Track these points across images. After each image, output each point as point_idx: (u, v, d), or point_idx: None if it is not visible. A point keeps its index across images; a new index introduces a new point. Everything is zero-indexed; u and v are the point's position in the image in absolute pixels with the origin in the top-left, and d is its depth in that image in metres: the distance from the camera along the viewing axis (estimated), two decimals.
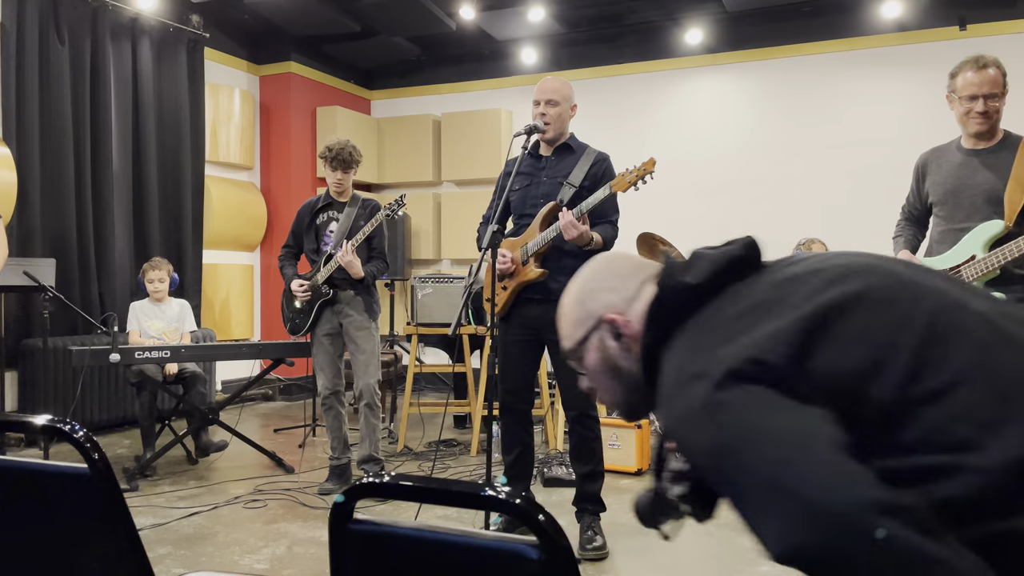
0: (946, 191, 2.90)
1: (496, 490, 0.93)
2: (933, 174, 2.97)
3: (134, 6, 5.83)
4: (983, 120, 2.79)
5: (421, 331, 5.10)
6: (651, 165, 3.06)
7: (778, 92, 6.58)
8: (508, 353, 3.32)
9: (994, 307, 1.02)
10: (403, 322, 7.07)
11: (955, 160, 2.90)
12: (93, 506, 1.08)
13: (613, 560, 3.17)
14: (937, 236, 2.96)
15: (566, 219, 3.02)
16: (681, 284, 1.13)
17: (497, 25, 6.77)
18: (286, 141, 7.17)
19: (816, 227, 5.84)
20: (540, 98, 3.27)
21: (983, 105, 2.77)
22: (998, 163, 2.78)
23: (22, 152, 5.11)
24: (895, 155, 6.08)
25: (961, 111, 2.84)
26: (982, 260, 2.73)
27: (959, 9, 5.98)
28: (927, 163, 3.02)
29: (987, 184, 2.78)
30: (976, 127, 2.82)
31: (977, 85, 2.77)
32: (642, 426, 4.45)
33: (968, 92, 2.79)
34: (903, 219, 3.16)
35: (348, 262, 3.87)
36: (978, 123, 2.81)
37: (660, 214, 6.34)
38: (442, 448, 5.06)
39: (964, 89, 2.80)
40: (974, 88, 2.77)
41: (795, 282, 1.07)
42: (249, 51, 7.18)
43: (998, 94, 2.77)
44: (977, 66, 2.77)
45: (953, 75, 2.85)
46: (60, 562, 1.12)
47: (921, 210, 3.07)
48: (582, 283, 1.25)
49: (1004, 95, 2.79)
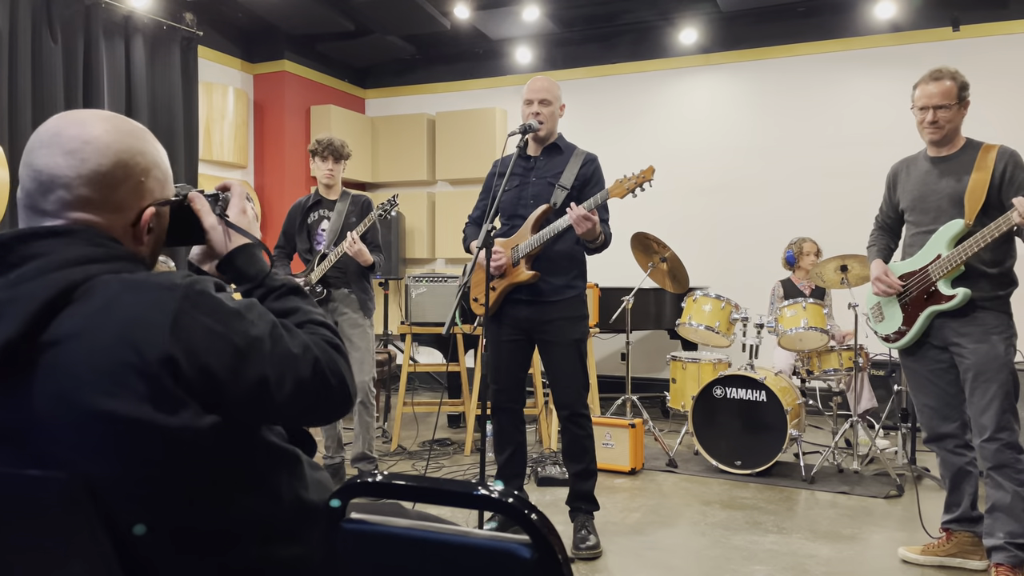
0: (914, 197, 3.03)
1: (489, 489, 0.94)
2: (903, 183, 3.11)
3: (127, 4, 5.81)
4: (934, 130, 2.92)
5: (415, 330, 5.10)
6: (650, 173, 3.06)
7: (772, 92, 6.59)
8: (499, 353, 3.33)
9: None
10: (397, 321, 7.07)
11: (922, 168, 3.03)
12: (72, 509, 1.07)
13: (606, 559, 3.17)
14: (908, 240, 3.09)
15: (578, 212, 3.00)
16: None
17: (492, 24, 6.76)
18: (280, 140, 7.16)
19: (808, 227, 5.86)
20: (533, 97, 3.27)
21: (932, 115, 2.89)
22: (960, 168, 2.91)
23: (15, 150, 5.09)
24: (888, 155, 6.05)
25: (917, 121, 2.98)
26: (947, 258, 2.86)
27: (952, 10, 6.01)
28: (897, 173, 3.16)
29: (949, 188, 2.91)
30: (928, 136, 2.96)
31: (928, 97, 2.89)
32: (635, 425, 4.46)
33: (920, 103, 2.93)
34: (876, 228, 3.28)
35: (358, 250, 3.86)
36: (929, 132, 2.94)
37: (654, 214, 6.35)
38: (436, 447, 5.06)
39: (918, 100, 2.94)
40: (925, 99, 2.91)
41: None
42: (243, 49, 7.16)
43: (949, 105, 2.87)
44: (931, 78, 2.90)
45: (914, 86, 2.98)
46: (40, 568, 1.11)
47: (894, 218, 3.20)
48: None
49: (960, 105, 2.89)
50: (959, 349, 2.89)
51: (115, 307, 1.01)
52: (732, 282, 6.13)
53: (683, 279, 4.77)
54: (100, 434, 0.98)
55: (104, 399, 0.97)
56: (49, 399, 0.98)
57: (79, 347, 0.99)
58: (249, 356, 1.07)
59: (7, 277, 1.00)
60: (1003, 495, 2.81)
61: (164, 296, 1.03)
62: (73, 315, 1.01)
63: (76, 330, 0.99)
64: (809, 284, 5.22)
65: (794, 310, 4.58)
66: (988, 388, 2.81)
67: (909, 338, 3.02)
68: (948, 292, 2.87)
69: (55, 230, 1.06)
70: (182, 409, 1.00)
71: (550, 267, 3.21)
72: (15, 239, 1.03)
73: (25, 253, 1.02)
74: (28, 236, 1.04)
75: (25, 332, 0.97)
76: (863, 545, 3.34)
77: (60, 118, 1.12)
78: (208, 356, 1.03)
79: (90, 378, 0.98)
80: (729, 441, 4.41)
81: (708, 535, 3.45)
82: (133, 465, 1.00)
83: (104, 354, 0.99)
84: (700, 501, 3.96)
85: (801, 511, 3.80)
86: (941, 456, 3.06)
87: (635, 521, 3.65)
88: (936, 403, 3.00)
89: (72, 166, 1.08)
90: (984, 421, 2.81)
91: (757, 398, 4.32)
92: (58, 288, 1.00)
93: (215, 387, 1.03)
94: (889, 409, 5.12)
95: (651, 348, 6.88)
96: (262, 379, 1.07)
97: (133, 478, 1.01)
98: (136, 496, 1.03)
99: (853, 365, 4.55)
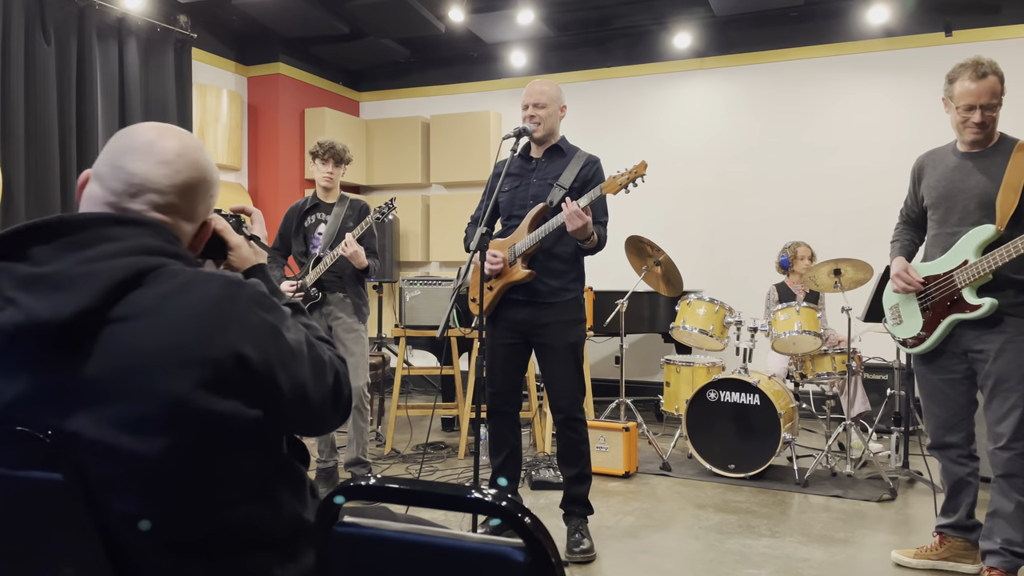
0: (940, 194, 2.87)
1: (482, 493, 0.93)
2: (928, 177, 2.94)
3: (121, 6, 5.80)
4: (979, 130, 2.74)
5: (409, 333, 5.09)
6: (643, 168, 3.05)
7: (766, 96, 6.61)
8: (495, 356, 3.32)
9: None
10: (391, 324, 7.06)
11: (950, 163, 2.86)
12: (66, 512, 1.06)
13: (600, 563, 3.17)
14: (930, 240, 2.94)
15: (571, 209, 2.98)
16: None
17: (486, 28, 6.77)
18: (274, 142, 7.15)
19: (802, 231, 5.88)
20: (527, 101, 3.28)
21: (980, 116, 2.69)
22: (992, 167, 2.74)
23: (7, 152, 5.07)
24: (881, 159, 6.14)
25: (957, 119, 2.77)
26: (974, 265, 2.73)
27: (945, 15, 6.04)
28: (923, 166, 2.99)
29: (979, 188, 2.75)
30: (972, 136, 2.77)
31: (976, 95, 2.67)
32: (629, 428, 4.46)
33: (965, 102, 2.70)
34: (901, 222, 3.13)
35: (353, 252, 3.85)
36: (974, 133, 2.75)
37: (648, 217, 6.37)
38: (430, 451, 5.05)
39: (961, 98, 2.70)
40: (972, 98, 2.68)
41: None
42: (237, 52, 7.15)
43: (996, 104, 2.70)
44: (976, 74, 2.67)
45: (951, 80, 2.76)
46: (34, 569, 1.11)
47: (918, 213, 3.04)
48: None
49: (1001, 101, 2.72)
50: (979, 355, 2.78)
51: (185, 294, 1.08)
52: (726, 286, 6.14)
53: (677, 283, 4.77)
54: (152, 409, 1.03)
55: (162, 378, 1.03)
56: (109, 370, 1.04)
57: (146, 326, 1.05)
58: (296, 358, 1.16)
59: (84, 253, 1.06)
60: (1006, 503, 2.77)
61: (233, 290, 1.11)
62: (143, 296, 1.07)
63: (145, 310, 1.06)
64: (803, 288, 5.23)
65: (788, 314, 4.59)
66: (1008, 397, 2.72)
67: (928, 345, 2.90)
68: (974, 301, 2.74)
69: (136, 219, 1.14)
70: (234, 398, 1.06)
71: (547, 268, 3.20)
72: (97, 221, 1.11)
73: (104, 235, 1.09)
74: (110, 220, 1.12)
75: (98, 305, 1.03)
76: (856, 548, 3.35)
77: (149, 129, 1.21)
78: (266, 351, 1.11)
79: (152, 356, 1.04)
80: (723, 445, 4.42)
81: (702, 539, 3.45)
82: (174, 445, 1.04)
83: (169, 334, 1.05)
84: (694, 505, 3.96)
85: (794, 515, 3.81)
86: (943, 464, 3.00)
87: (629, 525, 3.65)
88: (945, 413, 2.92)
89: (167, 175, 1.19)
90: (1001, 429, 2.74)
91: (751, 402, 4.33)
92: (133, 270, 1.07)
93: (267, 381, 1.11)
94: (882, 413, 5.13)
95: (645, 352, 6.89)
96: (302, 381, 1.16)
97: (171, 459, 1.04)
98: (161, 481, 1.05)
99: (846, 369, 4.56)
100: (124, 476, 1.04)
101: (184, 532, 1.09)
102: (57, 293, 1.02)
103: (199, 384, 1.04)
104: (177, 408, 1.03)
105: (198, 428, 1.04)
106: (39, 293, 1.02)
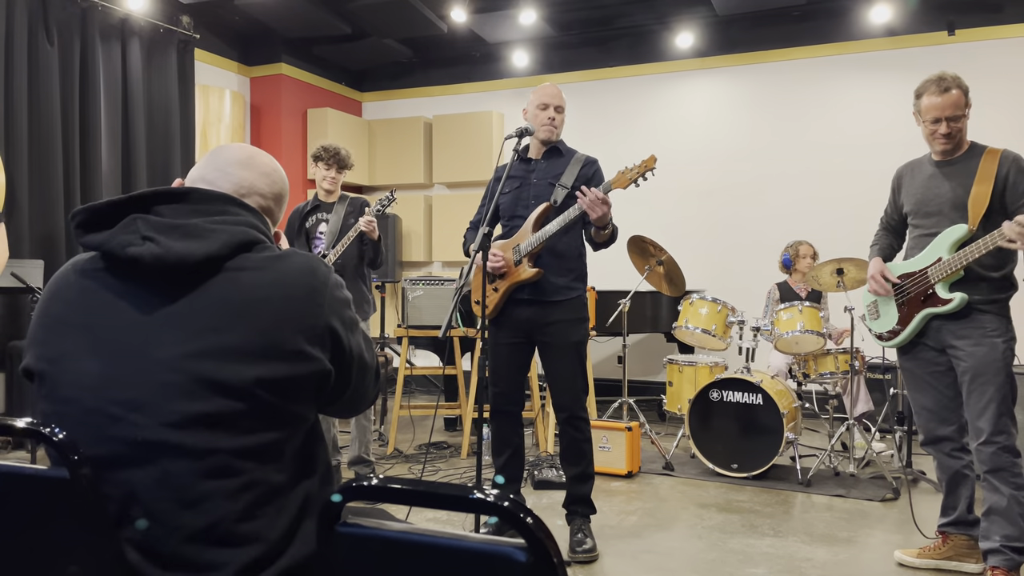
0: (917, 201, 3.03)
1: (484, 493, 0.93)
2: (907, 186, 3.11)
3: (124, 7, 5.81)
4: (946, 141, 2.90)
5: (412, 333, 5.10)
6: (652, 162, 3.05)
7: (768, 96, 6.61)
8: (498, 355, 3.32)
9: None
10: (394, 324, 7.07)
11: (926, 172, 3.03)
12: (74, 511, 1.07)
13: (603, 563, 3.17)
14: (911, 243, 3.10)
15: (593, 195, 2.96)
16: None
17: (488, 28, 6.77)
18: (277, 143, 7.15)
19: (805, 230, 5.87)
20: (550, 102, 3.27)
21: (946, 127, 2.87)
22: (963, 173, 2.90)
23: (10, 153, 5.08)
24: (884, 159, 6.10)
25: (926, 132, 2.94)
26: (947, 261, 2.86)
27: (947, 14, 6.03)
28: (902, 176, 3.16)
29: (953, 193, 2.91)
30: (941, 147, 2.93)
31: (940, 108, 2.85)
32: (632, 428, 4.46)
33: (931, 115, 2.87)
34: (881, 228, 3.29)
35: (369, 222, 3.83)
36: (942, 143, 2.91)
37: (650, 217, 6.36)
38: (432, 450, 5.06)
39: (928, 112, 2.89)
40: (937, 111, 2.85)
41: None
42: (240, 52, 7.16)
43: (961, 115, 2.87)
44: (940, 89, 2.84)
45: (918, 95, 2.93)
46: (40, 566, 1.11)
47: (898, 220, 3.20)
48: None
49: (967, 113, 2.89)
50: (957, 351, 2.89)
51: (287, 259, 1.29)
52: (728, 285, 6.13)
53: (680, 282, 4.77)
54: (252, 342, 1.19)
55: (268, 317, 1.21)
56: (220, 305, 1.21)
57: (256, 276, 1.24)
58: (357, 330, 1.36)
59: (212, 217, 1.26)
60: (999, 499, 2.81)
61: (324, 267, 1.32)
62: (253, 256, 1.27)
63: (255, 266, 1.25)
64: (805, 287, 5.22)
65: (790, 313, 4.59)
66: (985, 391, 2.81)
67: (902, 338, 3.03)
68: (946, 296, 2.88)
69: (248, 206, 1.35)
70: (320, 349, 1.26)
71: (552, 266, 3.21)
72: (222, 198, 1.32)
73: (227, 209, 1.31)
74: (232, 201, 1.33)
75: (224, 254, 1.23)
76: (859, 548, 3.34)
77: (244, 147, 1.46)
78: (344, 320, 1.31)
79: (259, 300, 1.22)
80: (725, 444, 4.41)
81: (705, 538, 3.45)
82: (263, 376, 1.19)
83: (277, 287, 1.24)
84: (696, 504, 3.96)
85: (797, 514, 3.81)
86: (938, 459, 3.06)
87: (632, 524, 3.65)
88: (934, 406, 3.00)
89: (268, 184, 1.43)
90: (981, 424, 2.81)
91: (753, 401, 4.33)
92: (249, 236, 1.27)
93: (343, 344, 1.31)
94: (885, 412, 5.13)
95: (648, 351, 6.89)
96: (360, 349, 1.37)
97: (258, 387, 1.18)
98: (225, 431, 1.17)
99: (849, 368, 4.55)
100: (199, 417, 1.15)
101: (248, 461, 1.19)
102: (190, 240, 1.21)
103: (297, 330, 1.23)
104: (275, 345, 1.20)
105: (285, 367, 1.21)
106: (175, 237, 1.21)
